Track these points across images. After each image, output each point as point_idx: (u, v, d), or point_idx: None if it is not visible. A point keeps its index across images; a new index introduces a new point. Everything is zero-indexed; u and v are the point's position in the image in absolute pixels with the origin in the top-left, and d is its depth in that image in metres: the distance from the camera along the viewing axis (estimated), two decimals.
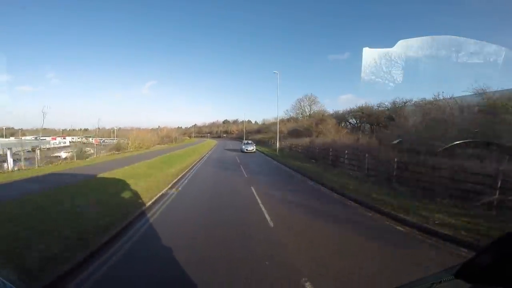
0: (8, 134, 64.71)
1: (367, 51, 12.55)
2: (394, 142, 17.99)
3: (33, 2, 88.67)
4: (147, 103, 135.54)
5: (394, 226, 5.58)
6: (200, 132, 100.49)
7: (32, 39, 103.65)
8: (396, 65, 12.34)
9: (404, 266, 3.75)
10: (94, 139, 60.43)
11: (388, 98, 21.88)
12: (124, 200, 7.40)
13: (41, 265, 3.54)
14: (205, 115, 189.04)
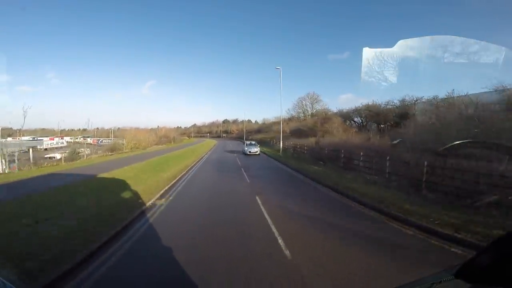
0: (6, 134, 63.88)
1: (367, 51, 12.63)
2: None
3: (33, 3, 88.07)
4: (147, 103, 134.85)
5: (460, 252, 4.25)
6: (200, 132, 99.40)
7: (32, 39, 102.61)
8: (396, 65, 12.16)
9: None
10: (92, 139, 59.50)
11: (387, 98, 21.43)
12: (91, 217, 5.90)
13: None
14: (205, 114, 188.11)
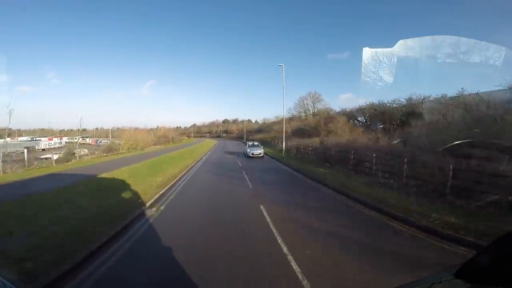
0: (4, 134, 63.26)
1: (367, 51, 12.71)
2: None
3: (33, 3, 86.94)
4: (147, 103, 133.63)
5: None
6: (200, 132, 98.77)
7: (32, 39, 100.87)
8: (396, 64, 12.10)
9: None
10: (91, 140, 58.95)
11: (387, 98, 21.32)
12: (68, 230, 5.08)
13: None
14: (204, 114, 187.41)
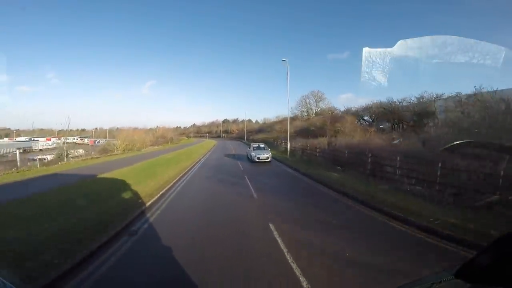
0: (3, 134, 62.87)
1: (366, 51, 12.34)
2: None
3: (33, 3, 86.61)
4: (146, 103, 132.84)
5: None
6: (199, 132, 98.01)
7: (32, 39, 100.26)
8: (396, 64, 11.96)
9: None
10: (89, 140, 58.27)
11: (387, 98, 21.05)
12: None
13: None
14: (204, 114, 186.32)
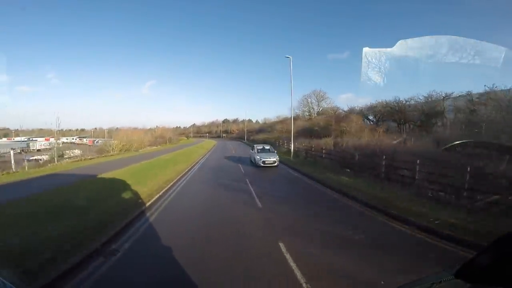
0: (2, 134, 62.46)
1: (366, 51, 12.41)
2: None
3: (33, 3, 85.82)
4: (146, 103, 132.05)
5: None
6: (199, 132, 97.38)
7: (32, 39, 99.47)
8: (396, 64, 11.79)
9: None
10: (88, 140, 57.75)
11: (387, 98, 20.89)
12: None
13: None
14: (204, 114, 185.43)
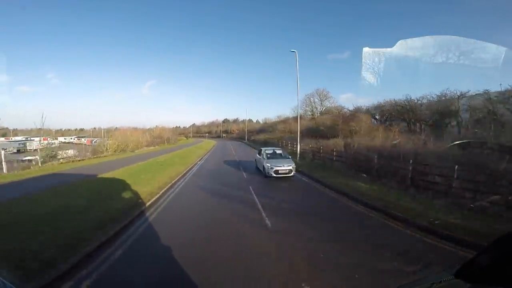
0: (0, 134, 61.87)
1: (366, 51, 12.59)
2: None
3: (33, 2, 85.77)
4: (146, 103, 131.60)
5: None
6: (199, 131, 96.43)
7: (32, 39, 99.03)
8: (396, 64, 11.55)
9: None
10: (87, 140, 56.87)
11: (387, 97, 20.59)
12: None
13: None
14: (204, 114, 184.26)
